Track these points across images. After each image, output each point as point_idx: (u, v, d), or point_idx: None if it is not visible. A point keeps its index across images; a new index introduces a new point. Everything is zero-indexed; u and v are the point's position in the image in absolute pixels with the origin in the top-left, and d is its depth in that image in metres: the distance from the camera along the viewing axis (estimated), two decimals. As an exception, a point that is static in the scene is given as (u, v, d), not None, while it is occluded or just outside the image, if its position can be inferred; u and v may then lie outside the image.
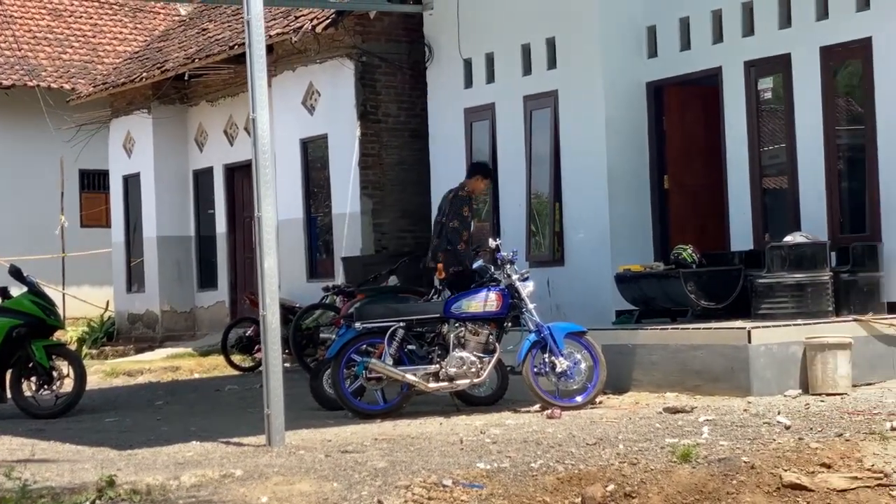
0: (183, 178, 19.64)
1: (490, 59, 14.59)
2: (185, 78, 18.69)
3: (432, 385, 10.19)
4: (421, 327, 10.44)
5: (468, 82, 14.87)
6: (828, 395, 9.98)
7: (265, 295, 8.70)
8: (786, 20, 12.08)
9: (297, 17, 16.23)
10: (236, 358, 15.55)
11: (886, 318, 10.80)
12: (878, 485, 7.34)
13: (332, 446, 8.58)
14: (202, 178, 19.51)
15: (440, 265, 11.77)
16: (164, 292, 19.55)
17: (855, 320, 10.72)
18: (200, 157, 19.48)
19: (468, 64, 14.85)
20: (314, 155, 16.81)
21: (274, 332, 8.68)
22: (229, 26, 18.24)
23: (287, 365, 11.51)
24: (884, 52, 11.26)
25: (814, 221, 11.68)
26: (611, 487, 7.09)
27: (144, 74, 19.07)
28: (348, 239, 15.98)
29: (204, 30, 19.22)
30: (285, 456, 8.19)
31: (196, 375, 15.70)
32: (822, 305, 10.87)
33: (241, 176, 18.63)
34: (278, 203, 15.98)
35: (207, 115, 19.27)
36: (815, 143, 11.79)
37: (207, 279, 19.45)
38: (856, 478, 7.36)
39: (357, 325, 10.29)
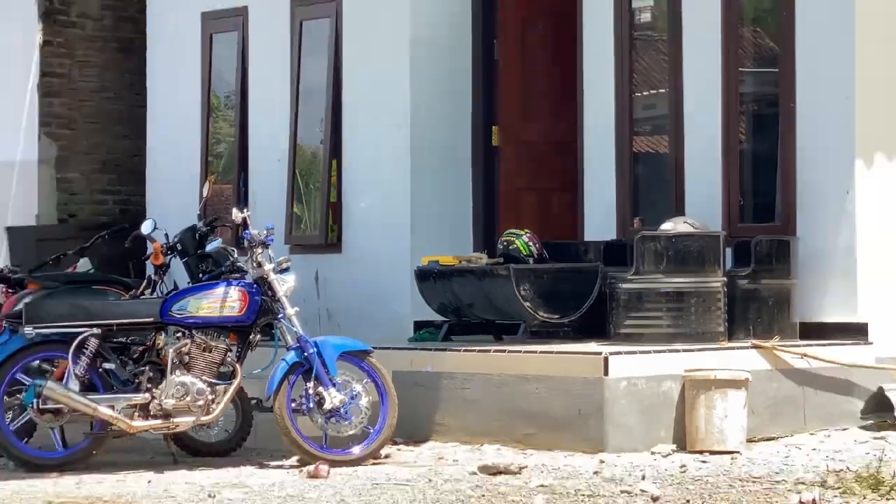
0: None
1: (242, -59, 14.59)
2: None
3: (139, 423, 10.09)
4: (125, 337, 10.35)
5: (209, -27, 14.83)
6: (713, 452, 10.25)
7: None
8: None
9: None
10: None
11: (798, 346, 11.18)
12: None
13: (-20, 514, 8.41)
14: None
15: (157, 245, 11.62)
16: None
17: (754, 347, 11.06)
18: None
19: (210, -54, 14.81)
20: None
21: None
22: None
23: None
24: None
25: (703, 203, 11.98)
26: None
27: None
28: (17, 200, 15.71)
29: None
30: None
31: None
32: (710, 324, 11.15)
33: None
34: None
35: None
36: (710, 91, 12.09)
37: None
38: (749, 574, 7.58)
39: (27, 329, 10.14)
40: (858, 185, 11.47)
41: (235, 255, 10.66)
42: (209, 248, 10.96)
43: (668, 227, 11.54)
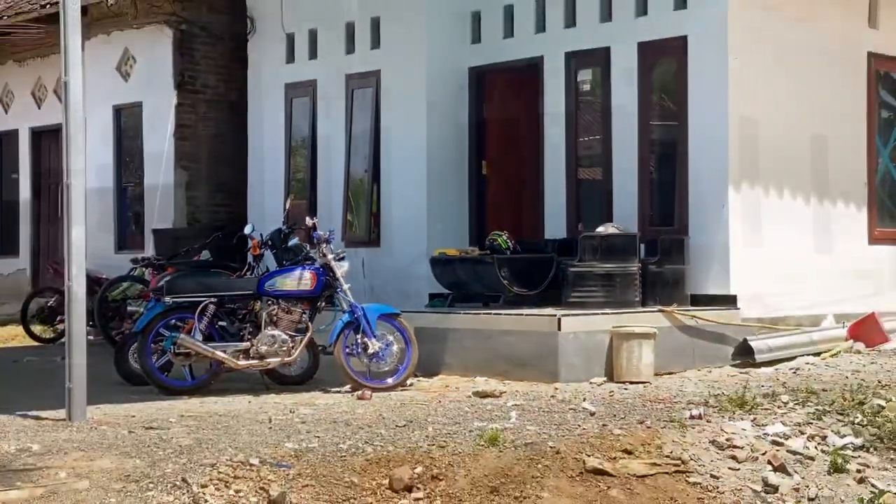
0: (-17, 141, 19.01)
1: (313, 35, 14.54)
2: (-8, 35, 18.08)
3: (242, 362, 10.11)
4: (233, 303, 10.36)
5: (290, 57, 14.79)
6: (631, 382, 10.28)
7: (72, 265, 8.48)
8: (607, 14, 12.41)
9: (114, -21, 15.84)
10: (37, 328, 15.11)
11: (689, 311, 11.20)
12: (676, 471, 7.64)
13: (136, 422, 8.43)
14: (5, 141, 18.86)
15: (255, 241, 11.65)
16: (-42, 258, 18.87)
17: (660, 311, 11.07)
18: (5, 118, 18.82)
19: (290, 39, 14.77)
20: (127, 123, 16.44)
21: (79, 302, 8.47)
22: (41, -16, 17.64)
23: (91, 338, 11.25)
24: (698, 51, 11.66)
25: (625, 213, 12.02)
26: (419, 469, 7.17)
27: (-53, 30, 18.31)
28: (160, 211, 15.73)
29: (14, -14, 18.53)
30: (86, 431, 8.01)
31: (-8, 345, 15.19)
32: (629, 295, 11.20)
33: (48, 141, 18.06)
34: (88, 171, 15.60)
35: (14, 75, 18.62)
36: (629, 138, 12.13)
37: (8, 246, 18.82)
38: (655, 464, 7.63)
39: (167, 298, 10.14)
40: (730, 202, 11.51)
41: (308, 249, 10.67)
42: (290, 243, 10.93)
43: (602, 229, 11.59)
